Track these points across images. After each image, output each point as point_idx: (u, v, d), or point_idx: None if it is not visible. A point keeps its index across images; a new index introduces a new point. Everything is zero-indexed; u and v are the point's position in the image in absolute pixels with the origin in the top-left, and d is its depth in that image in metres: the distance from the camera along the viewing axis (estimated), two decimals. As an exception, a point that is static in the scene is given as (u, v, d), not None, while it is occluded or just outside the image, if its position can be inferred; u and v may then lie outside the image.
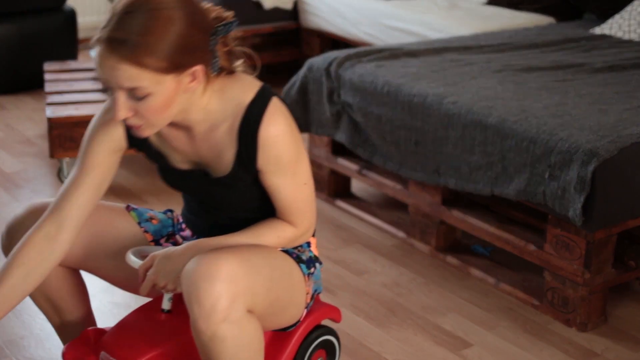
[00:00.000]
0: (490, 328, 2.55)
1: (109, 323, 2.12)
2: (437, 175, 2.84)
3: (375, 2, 4.60)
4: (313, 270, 1.94)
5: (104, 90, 1.71)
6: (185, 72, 1.66)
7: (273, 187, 1.81)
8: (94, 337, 1.91)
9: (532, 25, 4.08)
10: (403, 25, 4.31)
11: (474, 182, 2.71)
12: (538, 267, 2.76)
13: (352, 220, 3.27)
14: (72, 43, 4.89)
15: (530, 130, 2.54)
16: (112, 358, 1.83)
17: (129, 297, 2.58)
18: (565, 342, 2.48)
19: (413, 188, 3.02)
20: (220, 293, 1.65)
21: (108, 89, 1.68)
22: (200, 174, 1.84)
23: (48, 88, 3.83)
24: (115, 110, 1.67)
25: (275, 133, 1.75)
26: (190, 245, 1.79)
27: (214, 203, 1.88)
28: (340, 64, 3.19)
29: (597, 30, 3.79)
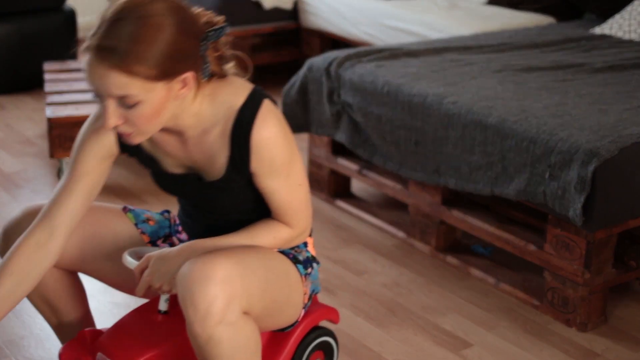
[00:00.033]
0: (491, 328, 2.54)
1: (109, 323, 2.11)
2: (437, 175, 2.84)
3: (375, 2, 4.59)
4: (310, 271, 1.93)
5: (95, 97, 1.69)
6: (176, 79, 1.65)
7: (267, 189, 1.80)
8: (91, 338, 1.91)
9: (532, 25, 4.07)
10: (403, 25, 4.31)
11: (474, 182, 2.71)
12: (538, 267, 2.76)
13: (352, 220, 3.27)
14: (72, 43, 4.89)
15: (531, 130, 2.54)
16: (108, 359, 1.83)
17: (129, 297, 2.58)
18: (566, 342, 2.48)
19: (413, 188, 3.02)
20: (215, 295, 1.64)
21: (98, 97, 1.67)
22: (194, 178, 1.83)
23: (48, 88, 3.83)
24: (105, 119, 1.66)
25: (268, 135, 1.74)
26: (185, 247, 1.79)
27: (208, 206, 1.88)
28: (340, 64, 3.19)
29: (597, 30, 3.79)
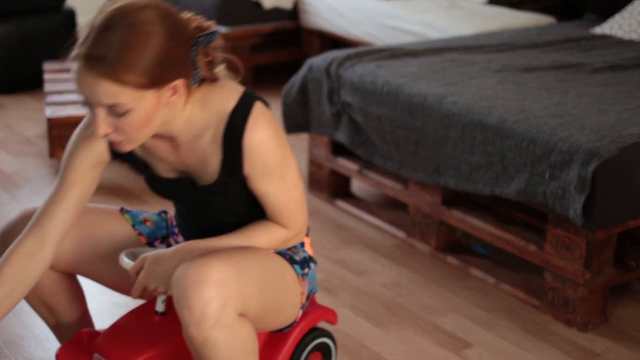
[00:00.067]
0: (491, 328, 2.54)
1: (109, 324, 2.11)
2: (437, 175, 2.84)
3: (375, 2, 4.59)
4: (307, 271, 1.93)
5: (85, 105, 1.68)
6: (166, 86, 1.64)
7: (261, 192, 1.79)
8: (88, 339, 1.91)
9: (532, 25, 4.07)
10: (403, 25, 4.31)
11: (474, 182, 2.71)
12: (538, 267, 2.76)
13: (352, 220, 3.27)
14: (71, 43, 4.89)
15: (531, 130, 2.54)
16: (104, 360, 1.83)
17: (128, 298, 2.55)
18: (566, 342, 2.48)
19: (413, 188, 3.01)
20: (210, 298, 1.64)
21: (88, 105, 1.65)
22: (187, 183, 1.82)
23: (48, 88, 3.83)
24: (95, 127, 1.64)
25: (260, 139, 1.73)
26: (180, 247, 1.78)
27: (202, 210, 1.87)
28: (340, 64, 3.19)
29: (597, 30, 3.79)
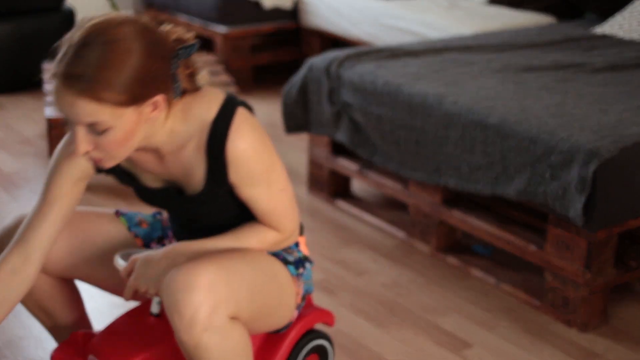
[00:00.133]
0: (491, 328, 2.54)
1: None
2: (437, 175, 2.83)
3: (375, 2, 4.59)
4: (302, 271, 1.92)
5: (66, 123, 1.66)
6: (146, 102, 1.62)
7: (249, 198, 1.78)
8: (83, 340, 1.90)
9: (532, 25, 4.07)
10: (403, 25, 4.31)
11: (475, 182, 2.71)
12: (539, 267, 2.76)
13: (352, 220, 3.27)
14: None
15: (531, 130, 2.53)
16: (99, 362, 1.83)
17: (129, 297, 2.58)
18: (566, 342, 2.47)
19: (413, 188, 3.01)
20: (200, 302, 1.63)
21: (68, 122, 1.63)
22: (175, 192, 1.82)
23: (47, 88, 3.82)
24: (76, 145, 1.62)
25: (243, 147, 1.71)
26: (170, 249, 1.77)
27: (193, 217, 1.86)
28: (340, 64, 3.18)
29: (598, 30, 3.78)
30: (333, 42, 4.96)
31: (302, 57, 4.98)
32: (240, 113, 1.73)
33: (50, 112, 3.48)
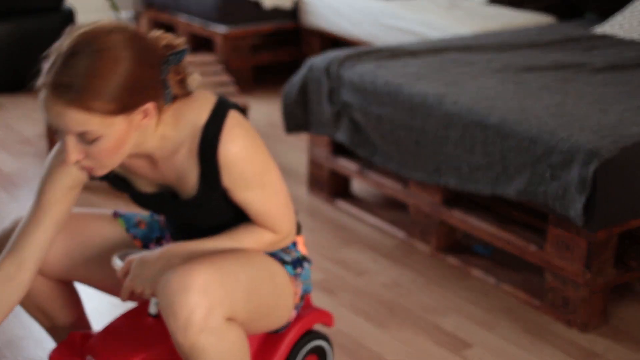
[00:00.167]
0: (491, 328, 2.54)
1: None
2: (437, 175, 2.83)
3: (375, 1, 4.59)
4: (300, 271, 1.92)
5: (55, 132, 1.65)
6: (136, 110, 1.61)
7: (244, 202, 1.77)
8: (81, 340, 1.90)
9: (532, 25, 4.07)
10: (403, 25, 4.31)
11: (475, 182, 2.71)
12: (539, 267, 2.76)
13: (352, 220, 3.26)
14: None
15: (531, 130, 2.53)
16: (97, 362, 1.83)
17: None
18: (566, 342, 2.47)
19: (413, 188, 3.01)
20: (195, 304, 1.63)
21: (58, 132, 1.62)
22: (169, 197, 1.81)
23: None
24: (66, 155, 1.62)
25: (235, 151, 1.70)
26: (166, 250, 1.77)
27: (188, 221, 1.86)
28: (340, 64, 3.18)
29: (598, 30, 3.78)
30: (333, 42, 4.96)
31: (302, 57, 4.98)
32: (232, 116, 1.72)
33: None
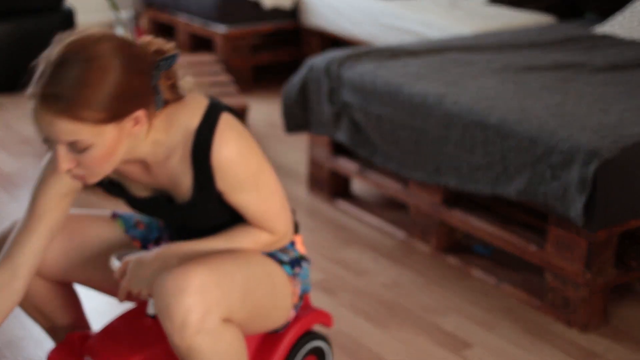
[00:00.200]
0: (491, 328, 2.54)
1: (108, 324, 2.11)
2: (437, 175, 2.83)
3: (375, 1, 4.59)
4: (298, 270, 1.91)
5: (45, 142, 1.65)
6: (127, 118, 1.60)
7: (239, 204, 1.77)
8: (79, 341, 1.90)
9: (532, 25, 4.07)
10: (403, 25, 4.31)
11: (475, 182, 2.70)
12: (539, 267, 2.76)
13: (352, 220, 3.26)
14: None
15: (531, 130, 2.53)
16: (95, 363, 1.83)
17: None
18: (566, 342, 2.47)
19: (413, 188, 3.01)
20: (191, 306, 1.62)
21: (48, 142, 1.61)
22: (165, 201, 1.81)
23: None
24: (57, 164, 1.61)
25: (228, 154, 1.69)
26: (162, 250, 1.77)
27: (184, 223, 1.86)
28: (340, 64, 3.18)
29: (598, 30, 3.78)
30: (333, 42, 4.96)
31: (302, 57, 4.98)
32: (224, 119, 1.71)
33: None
